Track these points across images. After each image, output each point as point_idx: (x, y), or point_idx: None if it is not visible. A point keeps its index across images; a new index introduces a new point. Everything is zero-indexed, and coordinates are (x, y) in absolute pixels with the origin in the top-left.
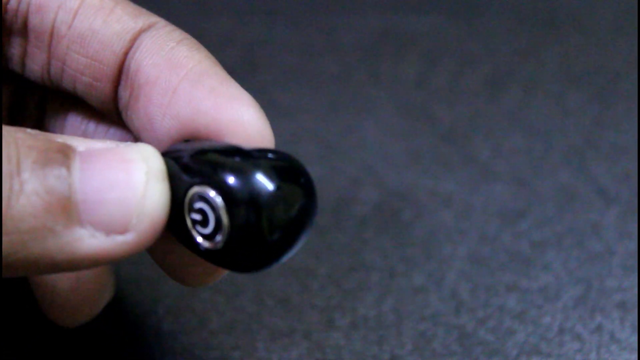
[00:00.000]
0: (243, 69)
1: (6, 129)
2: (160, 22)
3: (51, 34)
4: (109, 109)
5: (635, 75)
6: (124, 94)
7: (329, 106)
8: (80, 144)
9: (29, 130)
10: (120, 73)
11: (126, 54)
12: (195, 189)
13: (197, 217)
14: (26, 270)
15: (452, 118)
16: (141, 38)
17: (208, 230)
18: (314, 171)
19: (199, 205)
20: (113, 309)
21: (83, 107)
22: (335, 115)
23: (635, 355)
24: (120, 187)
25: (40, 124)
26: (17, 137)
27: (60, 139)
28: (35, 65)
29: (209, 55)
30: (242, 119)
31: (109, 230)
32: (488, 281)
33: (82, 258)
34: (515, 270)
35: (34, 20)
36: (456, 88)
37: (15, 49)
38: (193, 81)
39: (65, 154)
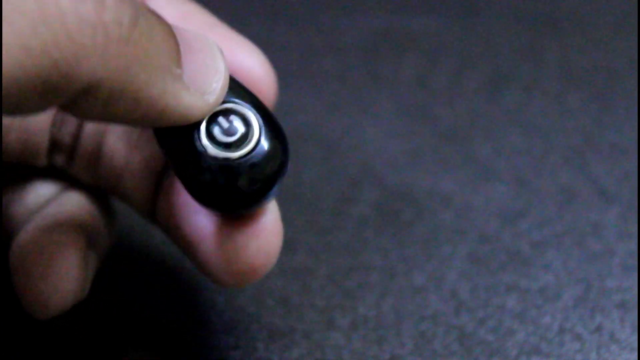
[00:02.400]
0: None
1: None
2: None
3: None
4: None
5: (635, 75)
6: None
7: (329, 106)
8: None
9: None
10: None
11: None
12: (232, 105)
13: (225, 124)
14: (144, 109)
15: (452, 118)
16: None
17: (233, 137)
18: (314, 171)
19: (232, 117)
20: (113, 309)
21: None
22: (335, 115)
23: (635, 355)
24: (203, 55)
25: None
26: None
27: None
28: None
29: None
30: (255, 64)
31: (200, 89)
32: (488, 281)
33: (184, 109)
34: (515, 270)
35: None
36: (456, 88)
37: None
38: (210, 27)
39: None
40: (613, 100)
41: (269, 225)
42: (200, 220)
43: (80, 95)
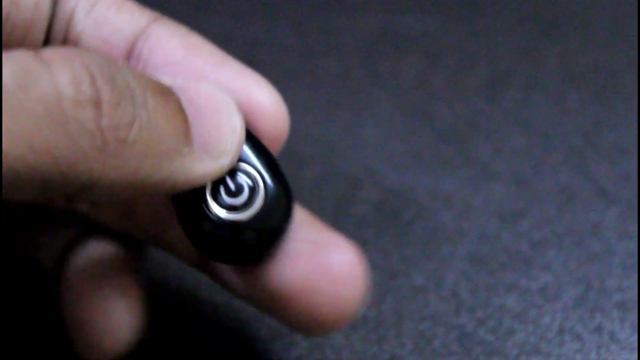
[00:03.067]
0: None
1: (128, 66)
2: (165, 17)
3: (71, 18)
4: None
5: (635, 75)
6: None
7: (329, 106)
8: (175, 81)
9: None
10: (129, 56)
11: (136, 38)
12: (242, 165)
13: (231, 185)
14: (150, 191)
15: (452, 118)
16: (150, 27)
17: (240, 200)
18: (314, 171)
19: (240, 178)
20: None
21: None
22: (335, 115)
23: (635, 355)
24: (217, 116)
25: None
26: (133, 68)
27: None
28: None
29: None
30: (267, 100)
31: (213, 154)
32: (488, 281)
33: (195, 178)
34: (515, 270)
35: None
36: (456, 88)
37: (38, 33)
38: (217, 64)
39: (167, 87)
40: (613, 100)
41: (348, 265)
42: (277, 274)
43: (79, 191)
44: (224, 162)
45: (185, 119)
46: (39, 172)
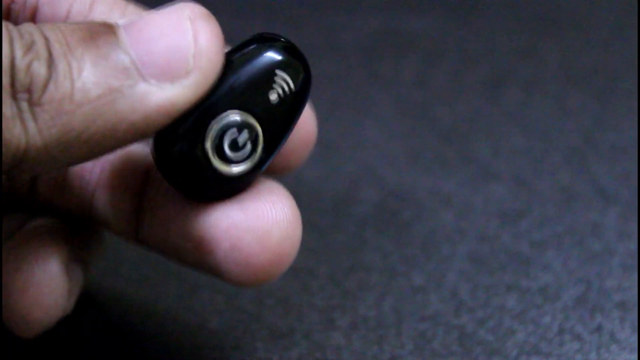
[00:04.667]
0: None
1: (46, 24)
2: None
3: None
4: None
5: (635, 75)
6: None
7: (329, 106)
8: (120, 20)
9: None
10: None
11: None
12: (235, 116)
13: (231, 137)
14: (110, 141)
15: (452, 118)
16: None
17: (243, 152)
18: (314, 171)
19: (234, 130)
20: (113, 309)
21: None
22: (335, 115)
23: (635, 355)
24: (168, 34)
25: None
26: (59, 25)
27: (99, 19)
28: None
29: None
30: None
31: (172, 77)
32: (488, 281)
33: (156, 111)
34: (515, 270)
35: (45, 11)
36: (456, 88)
37: None
38: None
39: (109, 26)
40: (613, 100)
41: (286, 214)
42: (208, 223)
43: (15, 163)
44: (191, 82)
45: (121, 58)
46: None
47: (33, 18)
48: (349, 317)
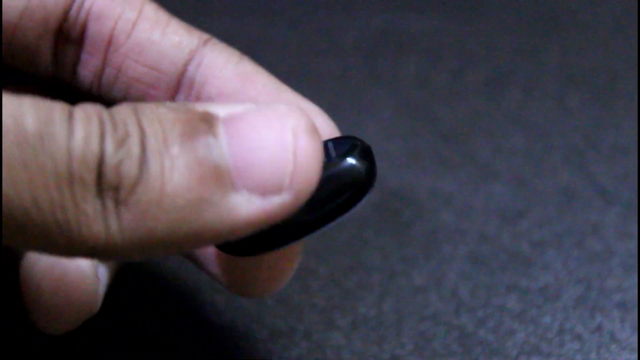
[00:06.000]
0: None
1: (146, 106)
2: (213, 39)
3: (109, 42)
4: None
5: (635, 75)
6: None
7: (329, 106)
8: (220, 110)
9: (168, 103)
10: (179, 83)
11: (186, 64)
12: None
13: None
14: (191, 246)
15: (452, 118)
16: (201, 52)
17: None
18: None
19: None
20: (113, 309)
21: None
22: (335, 115)
23: (635, 355)
24: (269, 147)
25: None
26: (159, 113)
27: (200, 107)
28: (86, 72)
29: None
30: (327, 130)
31: (264, 192)
32: (488, 281)
33: (243, 224)
34: (515, 270)
35: (92, 28)
36: (456, 88)
37: (68, 56)
38: (272, 95)
39: (209, 122)
40: (613, 100)
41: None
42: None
43: (87, 254)
44: (282, 200)
45: (217, 164)
46: (42, 229)
47: (82, 34)
48: (349, 317)
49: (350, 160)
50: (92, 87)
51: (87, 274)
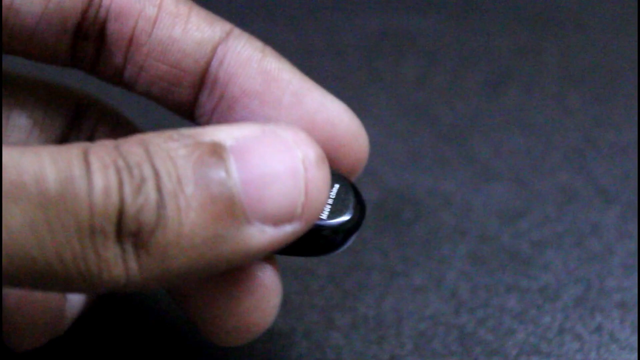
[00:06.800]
0: None
1: (155, 142)
2: (235, 29)
3: (130, 41)
4: (184, 112)
5: (635, 75)
6: (207, 100)
7: None
8: (227, 137)
9: (172, 134)
10: (202, 81)
11: (208, 62)
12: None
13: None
14: (206, 276)
15: (452, 117)
16: (223, 47)
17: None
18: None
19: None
20: (113, 309)
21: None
22: None
23: (635, 355)
24: (281, 179)
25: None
26: (169, 149)
27: (207, 136)
28: (108, 70)
29: (291, 64)
30: (349, 133)
31: (276, 222)
32: (488, 281)
33: (255, 252)
34: (515, 270)
35: (112, 28)
36: (456, 87)
37: (87, 54)
38: (298, 95)
39: (219, 155)
40: (613, 100)
41: (266, 282)
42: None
43: (108, 292)
44: (294, 228)
45: (230, 199)
46: (65, 278)
47: (102, 32)
48: (349, 317)
49: (343, 218)
50: (114, 81)
51: (52, 293)
